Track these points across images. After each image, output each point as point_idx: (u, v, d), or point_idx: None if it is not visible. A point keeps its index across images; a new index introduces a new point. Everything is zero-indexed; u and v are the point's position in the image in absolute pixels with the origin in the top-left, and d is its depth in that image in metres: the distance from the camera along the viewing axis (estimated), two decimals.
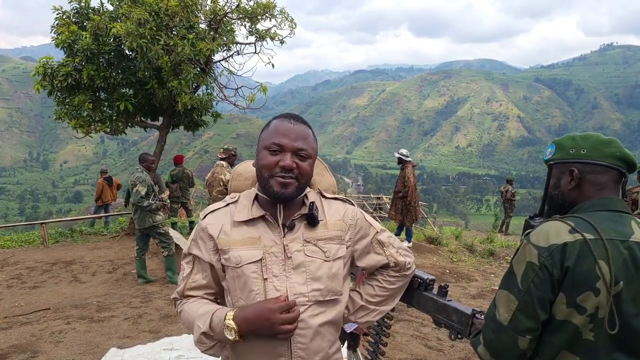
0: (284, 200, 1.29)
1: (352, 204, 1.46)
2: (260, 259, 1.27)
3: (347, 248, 1.37)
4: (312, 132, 1.36)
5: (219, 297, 1.40)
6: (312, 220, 1.33)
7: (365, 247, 1.43)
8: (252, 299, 1.26)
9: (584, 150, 1.36)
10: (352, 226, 1.39)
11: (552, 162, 1.43)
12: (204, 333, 1.22)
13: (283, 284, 1.27)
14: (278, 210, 1.32)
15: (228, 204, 1.39)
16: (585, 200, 1.34)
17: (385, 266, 1.47)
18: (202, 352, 1.27)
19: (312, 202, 1.35)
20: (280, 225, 1.32)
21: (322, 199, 1.42)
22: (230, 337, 1.19)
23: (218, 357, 1.28)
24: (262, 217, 1.32)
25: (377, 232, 1.46)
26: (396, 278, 1.48)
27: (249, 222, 1.32)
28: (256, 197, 1.36)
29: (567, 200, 1.39)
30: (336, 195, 1.47)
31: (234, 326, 1.18)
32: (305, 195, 1.37)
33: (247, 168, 1.53)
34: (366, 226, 1.44)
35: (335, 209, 1.40)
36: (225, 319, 1.19)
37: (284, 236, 1.30)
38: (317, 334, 1.29)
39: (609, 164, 1.33)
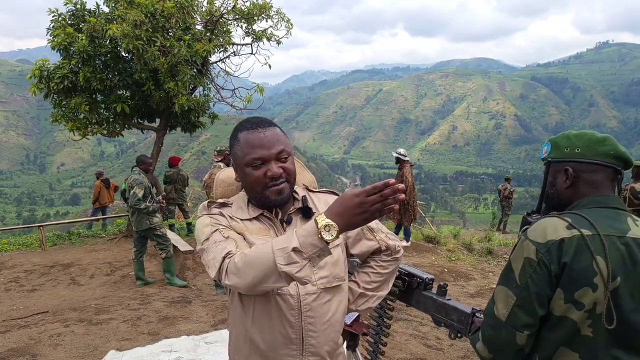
0: (283, 204, 1.37)
1: (338, 195, 1.49)
2: None
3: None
4: (280, 128, 1.39)
5: None
6: (307, 213, 1.39)
7: (357, 234, 1.48)
8: None
9: (578, 149, 1.37)
10: None
11: (549, 160, 1.44)
12: (295, 249, 1.07)
13: None
14: (273, 210, 1.38)
15: (225, 204, 1.41)
16: (581, 198, 1.35)
17: (377, 251, 1.52)
18: (295, 274, 1.08)
19: (304, 196, 1.41)
20: (279, 221, 1.38)
21: (310, 192, 1.48)
22: (331, 237, 1.05)
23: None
24: (262, 215, 1.38)
25: None
26: (388, 262, 1.53)
27: (252, 219, 1.38)
28: (249, 199, 1.41)
29: (563, 198, 1.40)
30: (320, 189, 1.52)
31: (332, 222, 1.05)
32: (295, 190, 1.42)
33: (229, 175, 1.52)
34: None
35: (324, 201, 1.46)
36: (318, 223, 1.06)
37: (285, 230, 1.36)
38: (327, 323, 1.34)
39: (604, 163, 1.34)
